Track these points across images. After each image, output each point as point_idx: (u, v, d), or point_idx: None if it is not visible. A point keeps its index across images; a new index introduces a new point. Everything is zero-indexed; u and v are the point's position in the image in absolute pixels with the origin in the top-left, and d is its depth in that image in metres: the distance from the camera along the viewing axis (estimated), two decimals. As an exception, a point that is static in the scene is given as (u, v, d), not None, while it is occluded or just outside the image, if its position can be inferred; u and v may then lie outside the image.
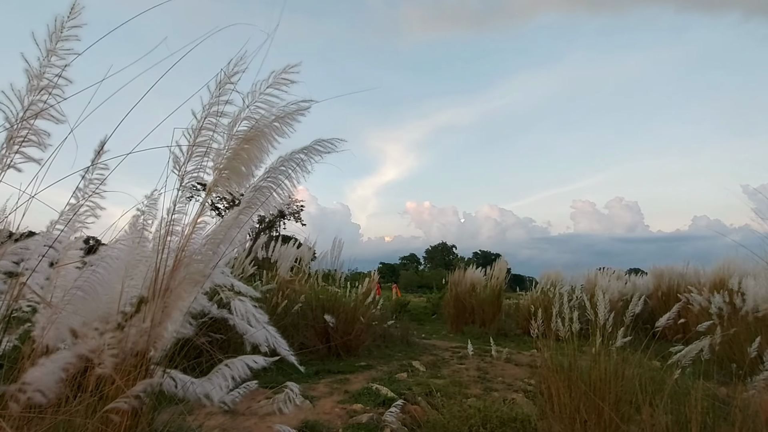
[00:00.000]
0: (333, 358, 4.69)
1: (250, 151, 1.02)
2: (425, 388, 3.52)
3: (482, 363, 5.06)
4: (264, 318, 1.00)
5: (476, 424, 2.61)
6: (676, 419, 2.26)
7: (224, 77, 1.01)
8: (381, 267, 43.14)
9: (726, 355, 4.11)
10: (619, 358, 2.56)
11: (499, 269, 8.76)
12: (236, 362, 0.97)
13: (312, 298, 4.81)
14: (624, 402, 2.47)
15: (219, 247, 0.98)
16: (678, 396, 2.39)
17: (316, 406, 3.16)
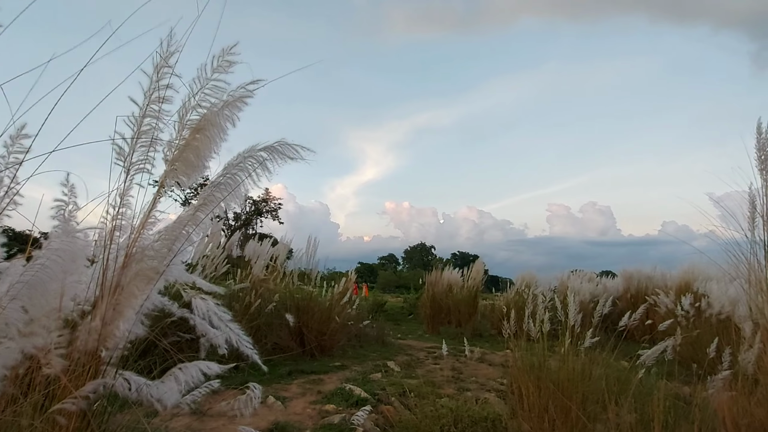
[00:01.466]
0: (307, 359, 4.62)
1: (201, 141, 0.97)
2: (399, 388, 3.51)
3: (457, 363, 5.09)
4: (227, 317, 0.96)
5: (448, 424, 2.61)
6: (641, 418, 2.33)
7: (160, 60, 0.96)
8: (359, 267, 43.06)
9: (689, 356, 4.26)
10: (587, 358, 2.61)
11: (476, 270, 8.86)
12: (190, 367, 0.92)
13: (286, 297, 4.73)
14: (591, 401, 2.52)
15: (174, 244, 0.93)
16: (642, 395, 2.46)
17: (287, 407, 3.10)
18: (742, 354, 2.43)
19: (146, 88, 1.04)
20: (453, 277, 8.90)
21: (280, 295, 4.65)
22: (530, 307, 2.84)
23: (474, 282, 8.71)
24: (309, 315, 4.62)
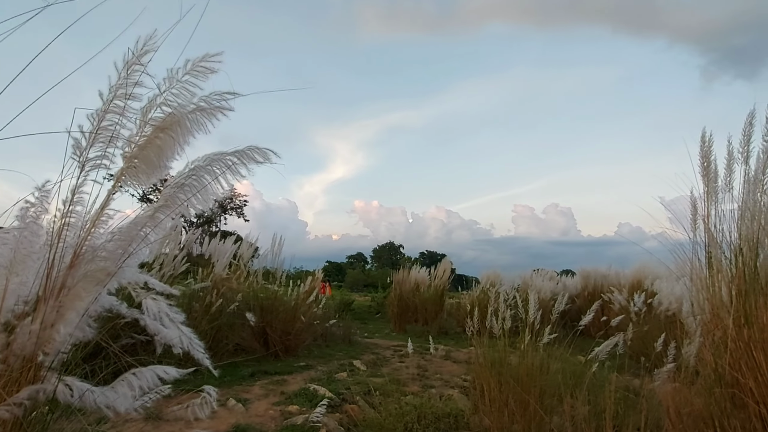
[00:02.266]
0: (271, 359, 4.53)
1: (164, 141, 0.92)
2: (364, 387, 3.50)
3: (422, 361, 5.14)
4: (179, 318, 0.91)
5: (411, 421, 2.63)
6: (593, 409, 2.44)
7: (133, 57, 0.91)
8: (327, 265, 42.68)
9: (640, 350, 4.50)
10: (546, 354, 2.71)
11: (443, 269, 9.00)
12: (145, 372, 0.87)
13: (250, 296, 4.61)
14: (548, 394, 2.61)
15: (130, 245, 0.88)
16: (596, 388, 2.57)
17: (249, 409, 3.02)
18: (685, 348, 2.59)
19: (113, 83, 0.98)
20: (420, 275, 9.00)
21: (243, 294, 4.52)
22: (493, 305, 2.92)
23: (440, 281, 8.84)
24: (273, 315, 4.52)
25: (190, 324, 3.93)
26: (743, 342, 1.69)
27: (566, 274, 10.56)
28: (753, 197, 1.68)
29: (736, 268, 1.74)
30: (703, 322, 2.04)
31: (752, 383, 1.63)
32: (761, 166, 1.67)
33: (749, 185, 1.69)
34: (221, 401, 3.16)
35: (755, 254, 1.69)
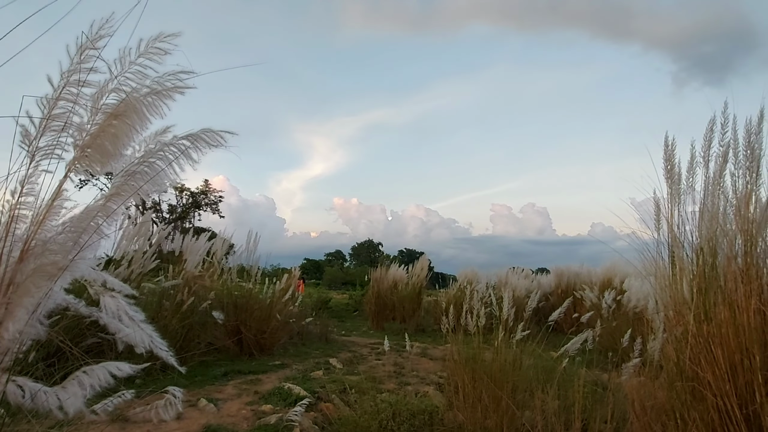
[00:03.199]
0: (245, 358, 4.45)
1: (118, 128, 0.88)
2: (340, 385, 3.49)
3: (399, 358, 5.16)
4: (139, 317, 0.87)
5: (386, 418, 2.64)
6: (563, 404, 2.50)
7: (87, 41, 0.86)
8: (305, 263, 42.29)
9: (609, 345, 4.65)
10: (518, 350, 2.76)
11: (420, 267, 9.06)
12: (97, 369, 0.83)
13: (223, 294, 4.51)
14: (520, 390, 2.66)
15: (82, 237, 0.83)
16: (566, 383, 2.64)
17: (221, 409, 2.96)
18: (650, 343, 2.68)
19: (66, 68, 0.93)
20: (398, 273, 9.03)
21: (217, 292, 4.42)
22: (467, 302, 2.95)
23: (418, 279, 8.90)
24: (248, 313, 4.44)
25: (160, 322, 3.82)
26: (703, 337, 1.76)
27: (541, 272, 10.81)
28: (712, 199, 1.76)
29: (697, 266, 1.82)
30: (666, 318, 2.11)
31: (710, 377, 1.70)
32: (719, 170, 1.74)
33: (709, 188, 1.77)
34: (192, 401, 3.08)
35: (714, 254, 1.77)
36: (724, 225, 1.75)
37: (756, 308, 1.67)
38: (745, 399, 1.64)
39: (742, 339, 1.66)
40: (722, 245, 1.76)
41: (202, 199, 29.58)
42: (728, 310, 1.71)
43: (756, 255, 1.73)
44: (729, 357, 1.67)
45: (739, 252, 1.75)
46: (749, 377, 1.63)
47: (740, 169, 1.72)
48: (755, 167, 1.69)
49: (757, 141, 1.69)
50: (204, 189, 29.52)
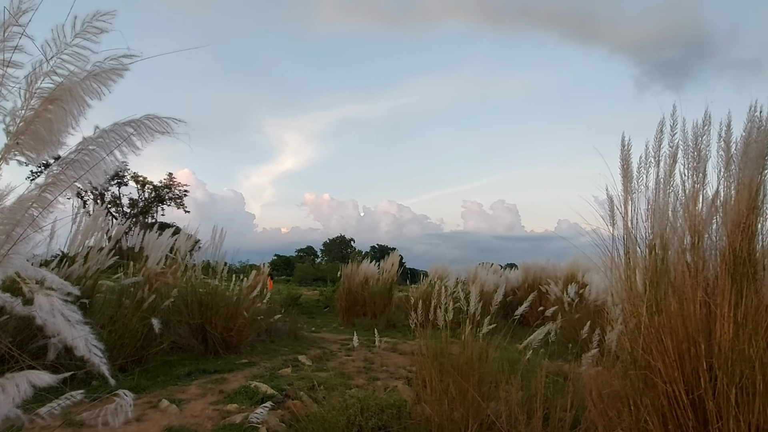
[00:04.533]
0: (210, 357, 4.33)
1: (55, 113, 0.82)
2: (309, 382, 3.46)
3: (369, 354, 5.18)
4: (76, 316, 0.82)
5: (354, 414, 2.64)
6: (526, 394, 2.59)
7: (9, 17, 0.79)
8: (275, 259, 41.58)
9: (572, 337, 4.84)
10: (485, 343, 2.82)
11: (391, 263, 9.09)
12: (17, 377, 0.77)
13: (187, 292, 4.36)
14: (486, 382, 2.73)
15: (15, 230, 0.77)
16: (529, 374, 2.73)
17: (183, 410, 2.86)
18: (608, 334, 2.81)
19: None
20: (370, 269, 9.04)
21: (180, 290, 4.27)
22: (435, 298, 2.99)
23: (389, 274, 8.93)
24: (213, 311, 4.32)
25: (120, 321, 3.64)
26: (654, 328, 1.86)
27: (510, 267, 11.09)
28: (663, 197, 1.86)
29: (649, 261, 1.91)
30: (622, 311, 2.21)
31: (661, 365, 1.80)
32: (669, 170, 1.84)
33: (660, 186, 1.87)
34: (153, 403, 2.97)
35: (665, 249, 1.87)
36: (674, 222, 1.85)
37: (702, 300, 1.78)
38: (692, 385, 1.74)
39: (690, 329, 1.77)
40: (672, 241, 1.87)
41: (165, 193, 28.44)
42: (677, 302, 1.81)
43: (702, 250, 1.84)
44: (677, 346, 1.78)
45: (687, 247, 1.85)
46: (695, 365, 1.73)
47: (689, 170, 1.82)
48: (702, 168, 1.80)
49: (703, 143, 1.79)
50: (168, 183, 28.37)
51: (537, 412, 2.42)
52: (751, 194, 1.74)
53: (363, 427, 2.51)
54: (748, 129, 1.76)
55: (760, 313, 1.65)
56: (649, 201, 1.94)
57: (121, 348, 3.60)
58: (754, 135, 1.73)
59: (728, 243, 1.75)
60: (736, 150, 1.78)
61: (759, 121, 1.74)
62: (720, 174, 1.82)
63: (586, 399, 2.41)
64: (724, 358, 1.64)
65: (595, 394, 2.35)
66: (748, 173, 1.73)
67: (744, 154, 1.75)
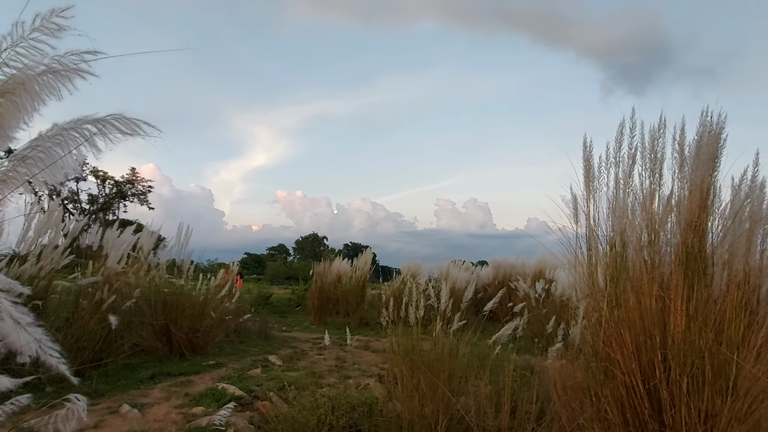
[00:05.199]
0: (175, 359, 4.18)
1: (5, 107, 0.76)
2: (279, 382, 3.40)
3: (341, 352, 5.15)
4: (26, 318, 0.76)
5: (325, 413, 2.61)
6: (495, 388, 2.65)
7: None
8: (246, 257, 40.67)
9: (539, 332, 4.98)
10: (455, 339, 2.86)
11: (364, 260, 9.08)
12: None
13: (150, 292, 4.19)
14: (456, 377, 2.77)
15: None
16: (498, 368, 2.79)
17: (146, 414, 2.75)
18: (572, 329, 2.91)
19: None
20: (342, 267, 8.99)
21: (143, 289, 4.10)
22: (407, 295, 3.00)
23: (362, 272, 8.92)
24: (179, 311, 4.17)
25: (77, 323, 3.45)
26: (614, 322, 1.94)
27: (482, 264, 11.31)
28: (623, 197, 1.94)
29: (610, 258, 2.00)
30: (585, 305, 2.30)
31: (620, 357, 1.88)
32: (628, 170, 1.93)
33: (620, 186, 1.95)
34: (113, 408, 2.84)
35: (624, 246, 1.95)
36: (633, 220, 1.94)
37: (657, 295, 1.87)
38: (648, 375, 1.83)
39: (646, 322, 1.86)
40: (631, 238, 1.95)
41: (128, 189, 27.16)
42: (635, 297, 1.90)
43: (658, 247, 1.94)
44: (635, 338, 1.86)
45: (645, 244, 1.95)
46: (651, 356, 1.82)
47: (646, 171, 1.91)
48: (658, 169, 1.89)
49: (659, 145, 1.88)
50: (131, 178, 27.09)
51: (504, 405, 2.48)
52: (702, 195, 1.84)
53: (334, 426, 2.49)
54: (700, 133, 1.86)
55: (710, 306, 1.75)
56: (610, 200, 2.02)
57: (78, 351, 3.42)
58: (706, 139, 1.84)
59: (681, 240, 1.85)
60: (689, 152, 1.89)
61: (710, 126, 1.85)
62: (674, 175, 1.92)
63: (551, 391, 2.49)
64: (677, 350, 1.73)
65: (559, 387, 2.43)
66: (700, 175, 1.83)
67: (696, 157, 1.85)
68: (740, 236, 1.80)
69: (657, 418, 1.79)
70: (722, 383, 1.66)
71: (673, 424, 1.70)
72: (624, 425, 1.87)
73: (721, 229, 1.87)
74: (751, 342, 1.66)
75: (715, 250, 1.86)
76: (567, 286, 6.21)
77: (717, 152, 1.83)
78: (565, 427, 2.25)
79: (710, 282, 1.82)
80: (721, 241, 1.86)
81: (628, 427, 1.85)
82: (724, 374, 1.66)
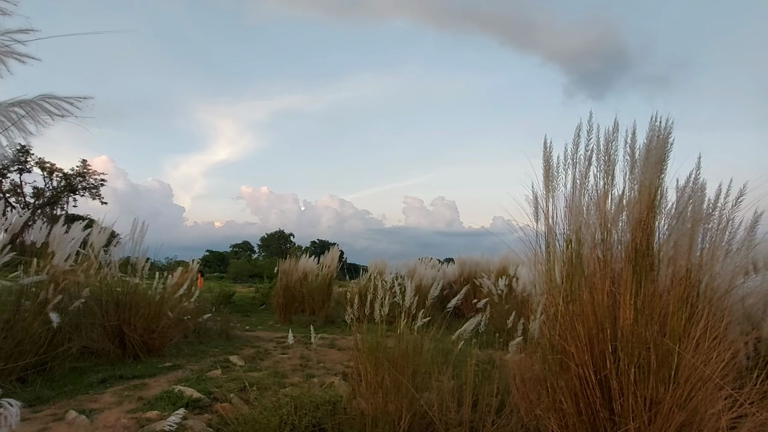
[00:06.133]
0: (129, 361, 3.97)
1: None
2: (240, 383, 3.31)
3: (306, 351, 5.09)
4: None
5: (287, 413, 2.57)
6: (458, 382, 2.70)
7: None
8: (208, 255, 39.27)
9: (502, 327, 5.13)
10: (419, 336, 2.89)
11: (331, 258, 9.01)
12: None
13: (102, 291, 3.96)
14: (420, 373, 2.80)
15: None
16: (461, 363, 2.85)
17: (95, 421, 2.60)
18: (531, 323, 3.02)
19: None
20: (309, 264, 8.88)
21: (93, 289, 3.86)
22: (371, 292, 3.00)
23: (329, 269, 8.84)
24: (133, 311, 3.96)
25: (18, 325, 3.21)
26: (569, 316, 2.03)
27: (448, 262, 11.48)
28: (579, 196, 2.03)
29: (566, 255, 2.08)
30: (544, 302, 2.38)
31: (574, 349, 1.97)
32: (584, 171, 2.02)
33: (577, 186, 2.04)
34: (58, 415, 2.67)
35: (580, 243, 2.04)
36: (588, 219, 2.03)
37: (609, 290, 1.97)
38: (599, 366, 1.92)
39: (598, 316, 1.95)
40: (586, 237, 2.04)
41: (78, 182, 25.43)
42: (589, 292, 1.99)
43: (611, 244, 2.04)
44: (588, 332, 1.95)
45: (599, 242, 2.04)
46: (602, 348, 1.92)
47: (600, 172, 2.01)
48: (611, 170, 1.99)
49: (613, 148, 1.98)
50: (81, 170, 25.37)
51: (466, 399, 2.53)
52: (650, 196, 1.96)
53: (296, 426, 2.45)
54: (649, 137, 1.97)
55: (655, 300, 1.86)
56: (567, 200, 2.10)
57: (20, 355, 3.18)
58: (654, 143, 1.95)
59: (631, 239, 1.96)
60: (640, 156, 2.00)
61: (659, 131, 1.96)
62: (626, 177, 2.02)
63: (510, 384, 2.57)
64: (626, 341, 1.83)
65: (518, 379, 2.51)
66: (649, 177, 1.94)
67: (646, 160, 1.96)
68: (683, 235, 1.93)
69: (607, 407, 1.88)
70: (665, 372, 1.77)
71: (622, 411, 1.80)
72: (578, 414, 1.96)
73: (667, 228, 1.99)
74: (691, 333, 1.78)
75: (662, 248, 1.98)
76: (528, 283, 6.44)
77: (664, 156, 1.94)
78: (523, 419, 2.33)
79: (656, 278, 1.93)
80: (666, 239, 1.98)
81: (581, 416, 1.94)
82: (667, 364, 1.77)
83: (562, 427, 2.00)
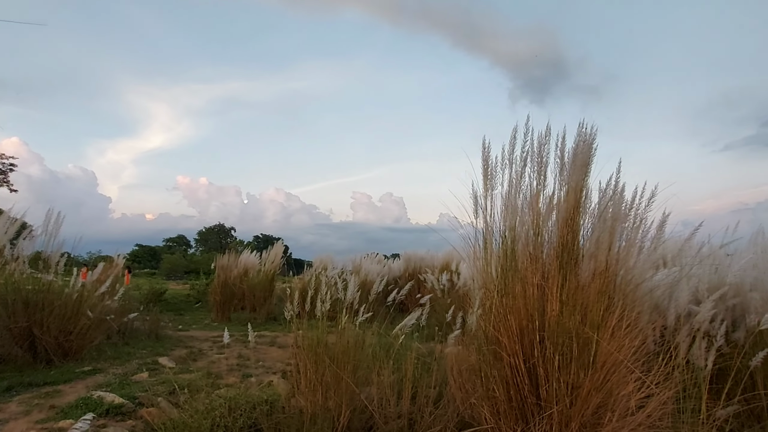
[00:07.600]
0: (40, 366, 3.56)
1: None
2: (169, 386, 3.10)
3: (244, 350, 4.90)
4: None
5: (221, 415, 2.45)
6: (398, 376, 2.74)
7: None
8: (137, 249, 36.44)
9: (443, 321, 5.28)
10: (361, 331, 2.90)
11: (275, 253, 8.75)
12: None
13: (8, 289, 3.51)
14: (361, 368, 2.81)
15: None
16: (402, 357, 2.90)
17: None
18: (469, 317, 3.14)
19: None
20: (250, 260, 8.56)
21: (-4, 287, 3.41)
22: (312, 288, 2.95)
23: (272, 265, 8.58)
24: (45, 311, 3.56)
25: None
26: (503, 309, 2.14)
27: (395, 257, 11.63)
28: (514, 195, 2.14)
29: (501, 251, 2.19)
30: (481, 296, 2.48)
31: (506, 340, 2.07)
32: (520, 172, 2.14)
33: (512, 185, 2.15)
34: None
35: (514, 240, 2.15)
36: (522, 217, 2.14)
37: (539, 283, 2.10)
38: (528, 355, 2.04)
39: (529, 308, 2.07)
40: (520, 234, 2.16)
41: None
42: (520, 286, 2.11)
43: (542, 241, 2.17)
44: (519, 323, 2.07)
45: (531, 239, 2.17)
46: (531, 337, 2.04)
47: (533, 173, 2.13)
48: (543, 172, 2.12)
49: (545, 151, 2.11)
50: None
51: (406, 392, 2.58)
52: (576, 196, 2.11)
53: (230, 428, 2.35)
54: (577, 142, 2.12)
55: (578, 292, 2.02)
56: (504, 198, 2.21)
57: None
58: (581, 147, 2.10)
59: (559, 236, 2.10)
60: (568, 159, 2.14)
61: (585, 136, 2.12)
62: (556, 178, 2.16)
63: (448, 375, 2.66)
64: (551, 331, 1.96)
65: (455, 370, 2.60)
66: (576, 178, 2.09)
67: (573, 163, 2.11)
68: (604, 232, 2.10)
69: (535, 393, 2.01)
70: (585, 359, 1.92)
71: (547, 396, 1.93)
72: (508, 401, 2.07)
73: (591, 226, 2.16)
74: (608, 322, 1.95)
75: (586, 245, 2.15)
76: (468, 278, 6.70)
77: (589, 159, 2.10)
78: (459, 408, 2.42)
79: (579, 272, 2.09)
80: (590, 236, 2.14)
81: (512, 403, 2.06)
82: (587, 351, 1.93)
83: (494, 414, 2.11)
